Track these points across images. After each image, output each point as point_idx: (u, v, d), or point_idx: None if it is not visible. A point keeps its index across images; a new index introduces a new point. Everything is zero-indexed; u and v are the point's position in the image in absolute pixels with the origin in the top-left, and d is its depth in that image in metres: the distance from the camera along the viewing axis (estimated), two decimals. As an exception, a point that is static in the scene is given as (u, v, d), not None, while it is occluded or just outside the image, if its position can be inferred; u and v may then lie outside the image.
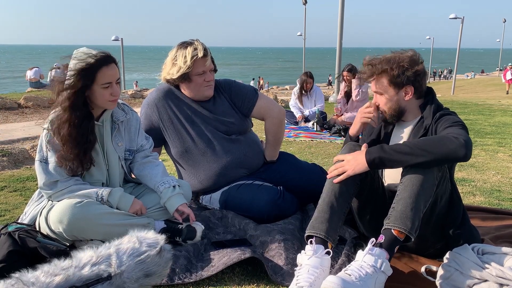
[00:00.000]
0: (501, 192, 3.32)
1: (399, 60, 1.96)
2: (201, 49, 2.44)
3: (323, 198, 1.86)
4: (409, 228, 1.69)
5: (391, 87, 1.99)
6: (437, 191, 1.80)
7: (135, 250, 1.55)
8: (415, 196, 1.72)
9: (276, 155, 2.77)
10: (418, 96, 2.02)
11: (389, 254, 1.67)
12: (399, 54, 2.00)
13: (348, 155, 1.86)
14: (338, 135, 5.95)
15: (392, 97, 2.01)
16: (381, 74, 1.99)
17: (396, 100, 2.01)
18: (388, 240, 1.69)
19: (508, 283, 1.59)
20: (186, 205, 2.20)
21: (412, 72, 1.95)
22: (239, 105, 2.67)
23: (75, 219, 1.93)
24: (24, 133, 6.21)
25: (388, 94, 2.01)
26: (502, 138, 5.84)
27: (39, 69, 14.49)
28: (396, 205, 1.75)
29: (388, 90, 2.00)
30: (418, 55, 2.00)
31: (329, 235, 1.77)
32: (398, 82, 1.97)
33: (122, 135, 2.23)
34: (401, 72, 1.94)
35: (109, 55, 2.02)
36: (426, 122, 1.97)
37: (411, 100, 2.02)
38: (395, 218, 1.71)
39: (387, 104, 2.03)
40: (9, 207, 2.89)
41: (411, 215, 1.70)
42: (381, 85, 2.01)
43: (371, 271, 1.60)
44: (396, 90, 1.99)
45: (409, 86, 1.98)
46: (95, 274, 1.43)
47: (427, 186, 1.74)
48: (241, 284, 1.82)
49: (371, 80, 2.03)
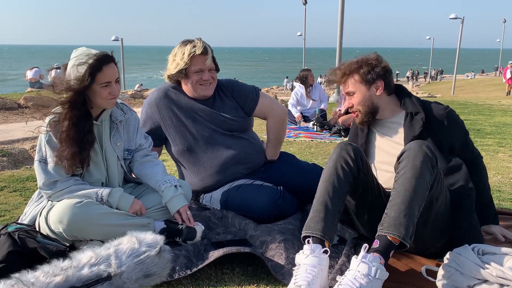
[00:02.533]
0: (501, 192, 3.32)
1: (366, 60, 2.10)
2: (200, 47, 2.44)
3: (317, 198, 1.87)
4: (403, 234, 1.68)
5: (363, 84, 2.11)
6: (431, 192, 1.80)
7: (134, 250, 1.55)
8: (408, 202, 1.71)
9: (277, 155, 2.78)
10: (389, 92, 2.14)
11: (385, 259, 1.66)
12: (364, 56, 2.14)
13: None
14: (338, 135, 5.95)
15: (364, 94, 2.11)
16: (351, 74, 2.11)
17: (369, 97, 2.12)
18: (383, 245, 1.68)
19: (508, 284, 1.59)
20: (187, 207, 2.20)
21: (380, 68, 2.08)
22: (241, 104, 2.68)
23: (75, 219, 1.92)
24: (24, 133, 6.21)
25: (360, 91, 2.12)
26: (502, 138, 5.84)
27: (39, 69, 14.50)
28: (389, 211, 1.74)
29: (360, 87, 2.12)
30: (381, 56, 2.15)
31: (325, 234, 1.77)
32: (368, 79, 2.09)
33: (121, 135, 2.23)
34: (371, 69, 2.08)
35: (108, 54, 2.02)
36: (420, 116, 2.06)
37: (383, 96, 2.13)
38: (389, 225, 1.70)
39: (360, 103, 2.13)
40: (9, 207, 2.89)
41: (404, 222, 1.69)
42: (352, 84, 2.12)
43: (365, 281, 1.58)
44: (367, 87, 2.11)
45: (380, 81, 2.09)
46: (94, 274, 1.43)
47: (419, 191, 1.74)
48: (241, 284, 1.82)
49: (343, 80, 2.14)
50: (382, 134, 2.19)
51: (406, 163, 1.78)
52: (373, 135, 2.23)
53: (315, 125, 6.47)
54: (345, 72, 2.12)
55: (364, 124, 2.18)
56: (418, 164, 1.75)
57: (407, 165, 1.77)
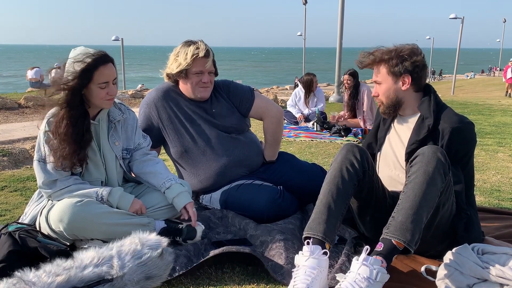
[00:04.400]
0: (501, 192, 3.33)
1: (398, 51, 2.03)
2: (203, 49, 2.46)
3: (321, 199, 1.85)
4: (408, 240, 1.65)
5: (390, 76, 2.05)
6: (440, 199, 1.77)
7: (137, 252, 1.55)
8: (416, 208, 1.69)
9: (275, 155, 2.77)
10: (417, 88, 2.07)
11: (387, 263, 1.64)
12: (400, 46, 2.06)
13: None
14: (338, 135, 5.94)
15: (390, 86, 2.06)
16: (380, 63, 2.07)
17: (394, 90, 2.06)
18: (387, 249, 1.66)
19: (508, 283, 1.59)
20: (193, 204, 2.22)
21: (410, 62, 2.01)
22: (237, 105, 2.68)
23: (76, 218, 1.93)
24: (24, 133, 6.21)
25: (387, 83, 2.07)
26: (502, 138, 5.85)
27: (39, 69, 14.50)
28: (396, 215, 1.72)
29: (387, 79, 2.06)
30: (419, 49, 2.05)
31: (326, 236, 1.75)
32: (396, 72, 2.03)
33: (119, 134, 2.23)
34: (400, 62, 2.01)
35: (106, 54, 2.03)
36: (428, 121, 1.98)
37: (409, 92, 2.06)
38: (395, 229, 1.68)
39: (385, 94, 2.09)
40: (9, 207, 2.90)
41: (411, 227, 1.66)
42: (380, 74, 2.08)
43: (365, 285, 1.56)
44: (394, 80, 2.05)
45: (407, 76, 2.03)
46: (96, 275, 1.43)
47: (429, 198, 1.71)
48: (241, 284, 1.82)
49: (373, 67, 2.10)
50: (396, 131, 2.16)
51: (419, 168, 1.75)
52: (390, 130, 2.19)
53: (315, 125, 6.46)
54: (375, 60, 2.07)
55: (386, 115, 2.14)
56: (430, 170, 1.72)
57: (419, 169, 1.74)
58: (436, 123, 1.98)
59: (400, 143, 2.12)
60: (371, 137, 2.29)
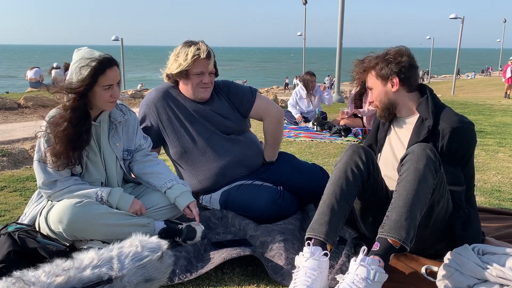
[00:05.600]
0: (501, 192, 3.32)
1: (384, 54, 2.08)
2: (204, 50, 2.45)
3: (324, 200, 1.84)
4: (403, 238, 1.66)
5: (378, 80, 2.10)
6: (433, 196, 1.78)
7: (137, 254, 1.55)
8: (409, 205, 1.69)
9: (275, 156, 2.77)
10: (408, 89, 2.09)
11: (384, 262, 1.64)
12: (388, 49, 2.11)
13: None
14: (338, 135, 5.94)
15: (380, 90, 2.11)
16: (369, 69, 2.12)
17: (385, 93, 2.10)
18: (383, 248, 1.67)
19: (508, 284, 1.59)
20: (195, 203, 2.22)
21: (395, 64, 2.05)
22: (237, 105, 2.67)
23: (75, 219, 1.93)
24: (24, 133, 6.21)
25: (377, 87, 2.11)
26: (502, 138, 5.85)
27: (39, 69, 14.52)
28: (390, 213, 1.72)
29: (376, 83, 2.11)
30: (407, 50, 2.09)
31: (328, 238, 1.75)
32: (383, 75, 2.07)
33: (120, 135, 2.23)
34: (385, 65, 2.06)
35: (111, 58, 2.04)
36: (428, 123, 1.99)
37: (401, 93, 2.09)
38: (390, 228, 1.68)
39: (377, 98, 2.13)
40: (9, 207, 2.89)
41: (405, 225, 1.67)
42: (371, 79, 2.13)
43: (363, 286, 1.56)
44: (383, 83, 2.09)
45: (394, 77, 2.06)
46: (96, 276, 1.42)
47: (422, 195, 1.71)
48: (241, 284, 1.81)
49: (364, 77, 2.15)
50: (396, 132, 2.18)
51: (409, 166, 1.76)
52: (390, 132, 2.21)
53: (315, 125, 6.46)
54: (365, 68, 2.14)
55: (383, 118, 2.17)
56: (421, 168, 1.73)
57: (409, 168, 1.75)
58: (435, 123, 1.99)
59: (401, 144, 2.13)
60: (371, 139, 2.29)
